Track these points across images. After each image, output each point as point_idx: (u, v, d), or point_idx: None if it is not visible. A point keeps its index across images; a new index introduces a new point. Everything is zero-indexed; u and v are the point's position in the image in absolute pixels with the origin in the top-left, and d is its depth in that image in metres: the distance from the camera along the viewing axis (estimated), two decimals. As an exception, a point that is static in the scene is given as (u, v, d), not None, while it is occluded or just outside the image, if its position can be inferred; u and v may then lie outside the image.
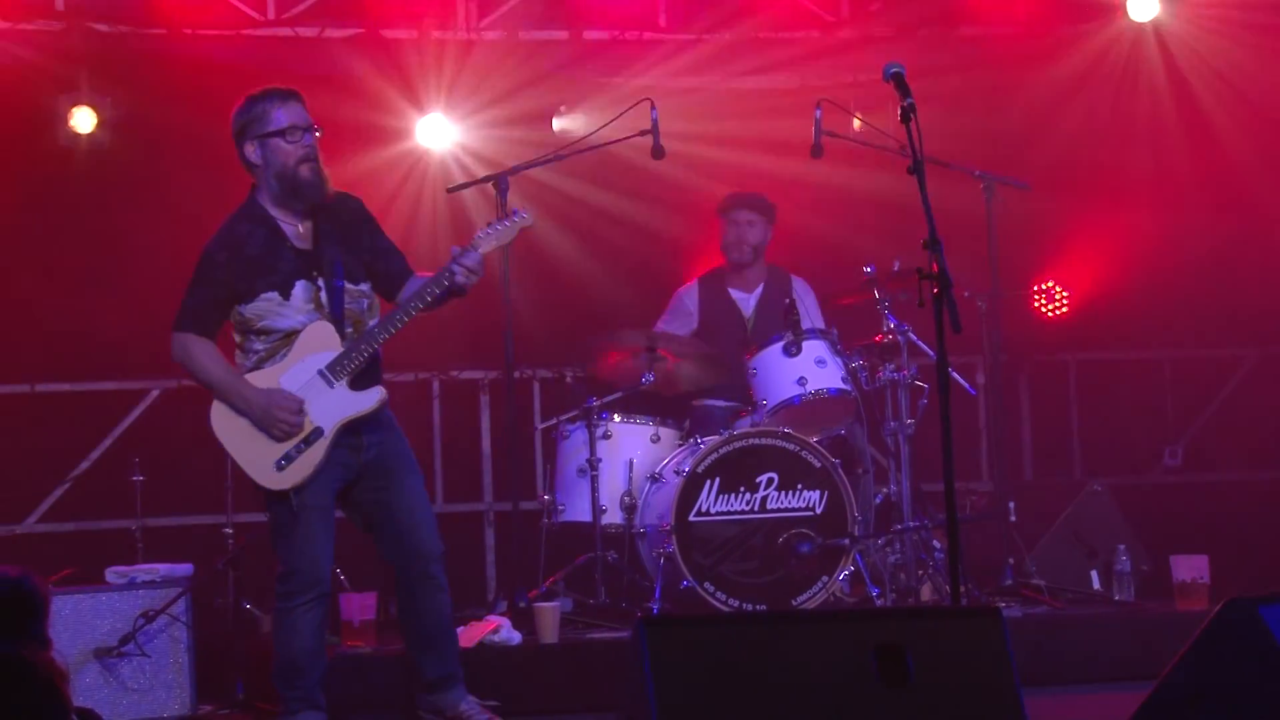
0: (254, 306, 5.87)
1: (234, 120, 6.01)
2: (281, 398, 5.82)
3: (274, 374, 5.87)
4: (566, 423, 7.98)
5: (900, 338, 7.61)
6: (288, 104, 5.98)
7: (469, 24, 9.17)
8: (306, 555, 5.89)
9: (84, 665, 6.85)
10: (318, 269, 5.94)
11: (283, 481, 5.85)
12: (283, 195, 5.95)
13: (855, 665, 4.44)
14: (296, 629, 5.91)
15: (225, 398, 5.87)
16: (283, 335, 5.89)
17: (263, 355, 5.90)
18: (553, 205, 9.17)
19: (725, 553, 7.34)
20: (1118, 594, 7.88)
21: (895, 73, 5.50)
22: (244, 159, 5.99)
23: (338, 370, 5.88)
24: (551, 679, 6.78)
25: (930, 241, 5.22)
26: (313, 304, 5.91)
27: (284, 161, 5.92)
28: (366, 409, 5.94)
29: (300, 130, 5.95)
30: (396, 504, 6.04)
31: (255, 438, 5.84)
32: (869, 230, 9.04)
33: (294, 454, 5.85)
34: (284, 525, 5.90)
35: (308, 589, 5.90)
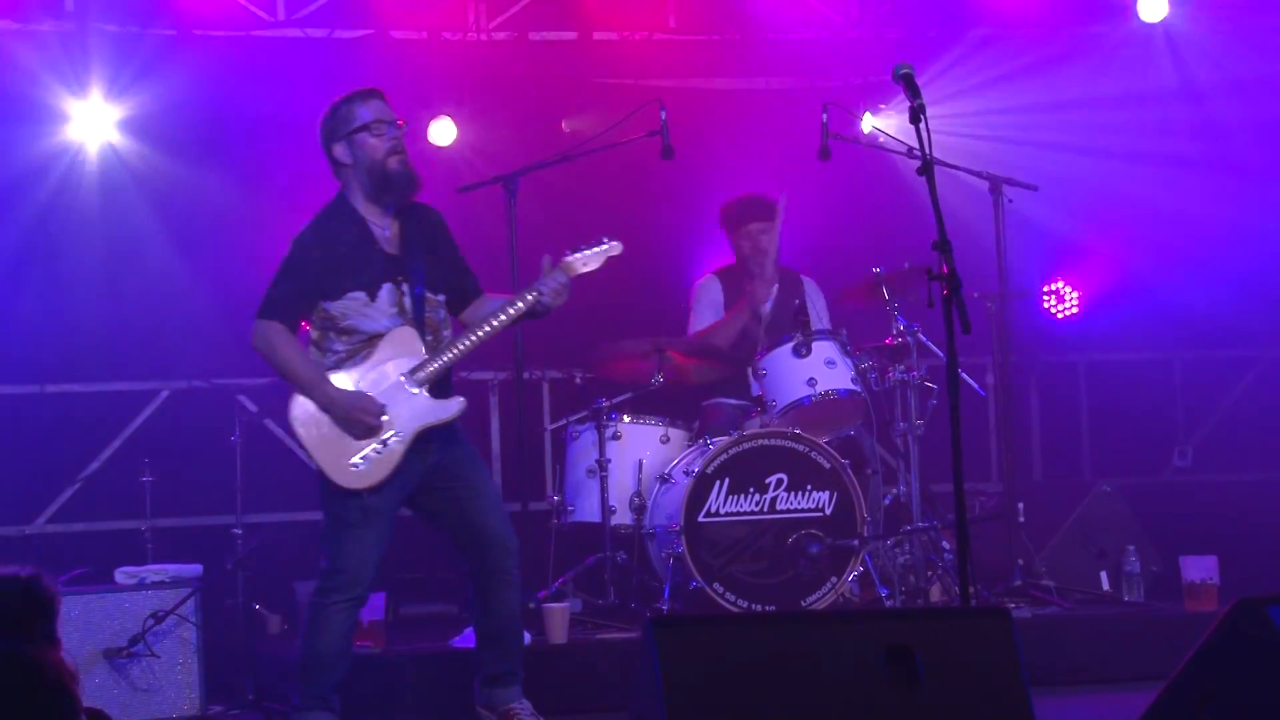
0: (340, 304, 5.89)
1: (321, 128, 6.06)
2: (365, 400, 5.84)
3: (355, 375, 5.88)
4: (576, 423, 7.98)
5: (910, 339, 7.61)
6: (370, 101, 6.07)
7: (478, 25, 9.17)
8: (356, 556, 5.89)
9: (93, 666, 6.87)
10: (403, 274, 5.97)
11: (358, 481, 5.85)
12: (374, 190, 5.98)
13: (864, 666, 4.44)
14: (329, 626, 5.90)
15: (308, 393, 5.86)
16: (365, 337, 5.91)
17: (342, 356, 5.91)
18: (562, 206, 9.16)
19: (734, 553, 7.34)
20: (1127, 595, 7.88)
21: (905, 73, 5.50)
22: (334, 161, 6.03)
23: (419, 376, 5.91)
24: (561, 679, 6.78)
25: (940, 243, 5.22)
26: (396, 308, 5.94)
27: (372, 155, 5.97)
28: (446, 417, 5.98)
29: (385, 124, 6.01)
30: (470, 502, 6.06)
31: (335, 436, 5.84)
32: (878, 232, 9.04)
33: (372, 455, 5.86)
34: (344, 523, 5.88)
35: (348, 589, 5.89)
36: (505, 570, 6.08)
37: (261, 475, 8.36)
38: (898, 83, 5.51)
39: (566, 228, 9.16)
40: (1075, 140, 9.41)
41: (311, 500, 8.62)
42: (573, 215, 9.24)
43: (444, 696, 6.69)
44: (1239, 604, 4.57)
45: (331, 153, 6.02)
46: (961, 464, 5.16)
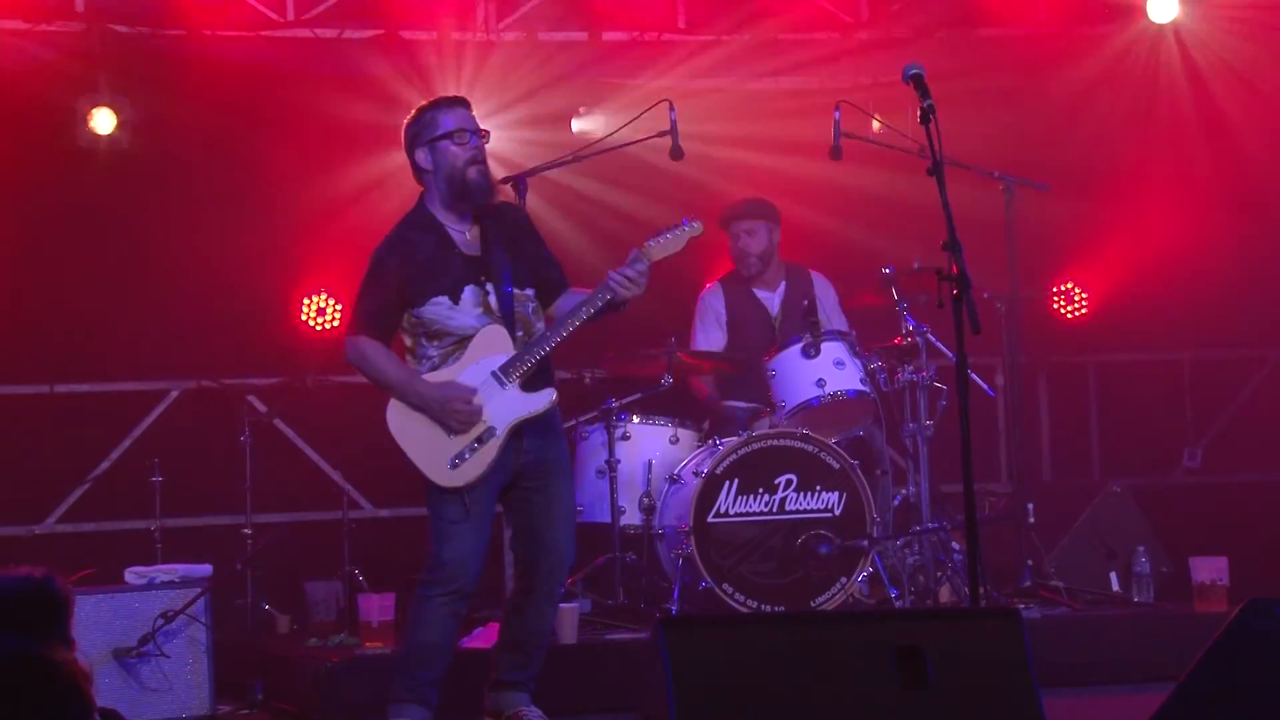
0: (426, 310, 5.96)
1: (405, 132, 6.15)
2: (456, 389, 5.90)
3: (448, 376, 5.95)
4: (585, 424, 7.98)
5: (919, 339, 7.60)
6: (454, 109, 6.12)
7: (488, 25, 9.17)
8: (458, 552, 5.94)
9: (103, 665, 6.87)
10: (486, 274, 6.02)
11: (457, 479, 5.91)
12: (451, 197, 6.04)
13: (874, 667, 4.43)
14: (428, 620, 5.95)
15: (402, 396, 5.94)
16: (456, 340, 5.97)
17: (437, 361, 5.98)
18: (571, 206, 9.18)
19: (744, 554, 7.33)
20: (1137, 595, 7.87)
21: (915, 74, 5.51)
22: (415, 167, 6.11)
23: (510, 372, 5.96)
24: (570, 680, 6.78)
25: (950, 243, 5.22)
26: (481, 308, 5.99)
27: (452, 163, 6.03)
28: (539, 409, 6.03)
29: (468, 133, 6.07)
30: (543, 508, 6.10)
31: (432, 436, 5.92)
32: (888, 232, 9.03)
33: (468, 453, 5.92)
34: (448, 520, 5.95)
35: (449, 583, 5.94)
36: (554, 585, 6.14)
37: (271, 475, 8.38)
38: (908, 83, 5.51)
39: (575, 228, 9.20)
40: (1086, 140, 9.40)
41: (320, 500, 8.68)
42: (582, 215, 9.26)
43: (455, 696, 6.68)
44: (1249, 605, 4.56)
45: (414, 158, 6.11)
46: (971, 464, 5.16)
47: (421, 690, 5.99)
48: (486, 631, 6.94)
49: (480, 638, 6.91)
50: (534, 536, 6.10)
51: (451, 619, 6.00)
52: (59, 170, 8.78)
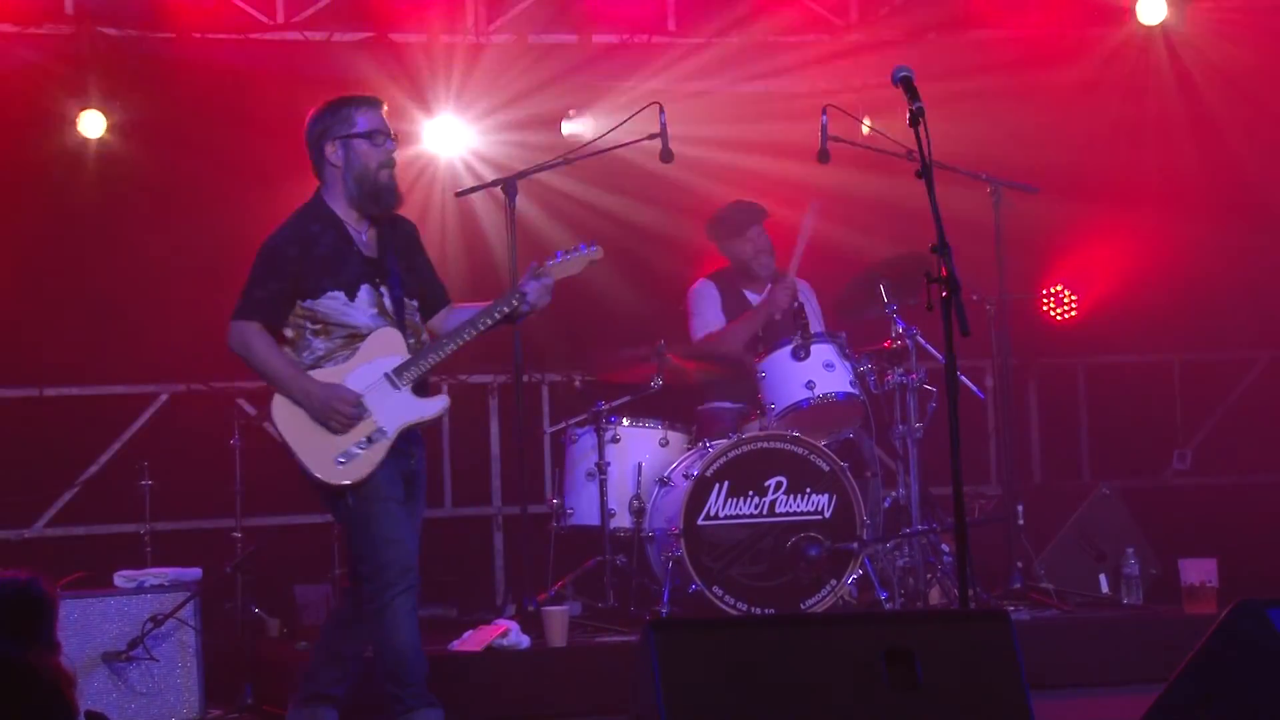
0: (319, 304, 5.90)
1: (314, 122, 6.06)
2: (341, 390, 5.85)
3: (339, 372, 5.89)
4: (575, 426, 7.99)
5: (909, 341, 7.61)
6: (371, 109, 6.07)
7: (478, 27, 9.17)
8: (392, 544, 5.84)
9: (92, 669, 6.86)
10: (381, 277, 5.99)
11: (341, 477, 5.85)
12: (360, 198, 6.00)
13: (864, 669, 4.44)
14: (397, 621, 5.83)
15: (285, 389, 5.88)
16: (345, 336, 5.92)
17: (321, 355, 5.91)
18: (561, 209, 9.17)
19: (734, 556, 7.34)
20: (1126, 597, 7.88)
21: (904, 77, 5.51)
22: (321, 160, 6.03)
23: (404, 375, 5.92)
24: (560, 683, 6.78)
25: (939, 246, 5.23)
26: (376, 309, 5.96)
27: (365, 163, 5.98)
28: (431, 415, 6.01)
29: (383, 135, 6.03)
30: (411, 521, 6.01)
31: (316, 432, 5.85)
32: (877, 235, 9.04)
33: (355, 451, 5.86)
34: (362, 518, 5.86)
35: (400, 579, 5.82)
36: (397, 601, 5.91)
37: (260, 478, 8.35)
38: (897, 86, 5.52)
39: (566, 230, 9.19)
40: (1075, 142, 9.40)
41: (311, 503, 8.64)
42: (572, 218, 9.25)
43: (443, 699, 6.67)
44: (1238, 606, 4.57)
45: (321, 150, 6.02)
46: (960, 467, 5.16)
47: (423, 690, 5.87)
48: (475, 635, 6.93)
49: (470, 641, 6.91)
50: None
51: (414, 613, 5.87)
52: (48, 173, 8.77)
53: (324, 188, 6.06)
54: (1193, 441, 10.10)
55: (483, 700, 6.70)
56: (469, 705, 6.66)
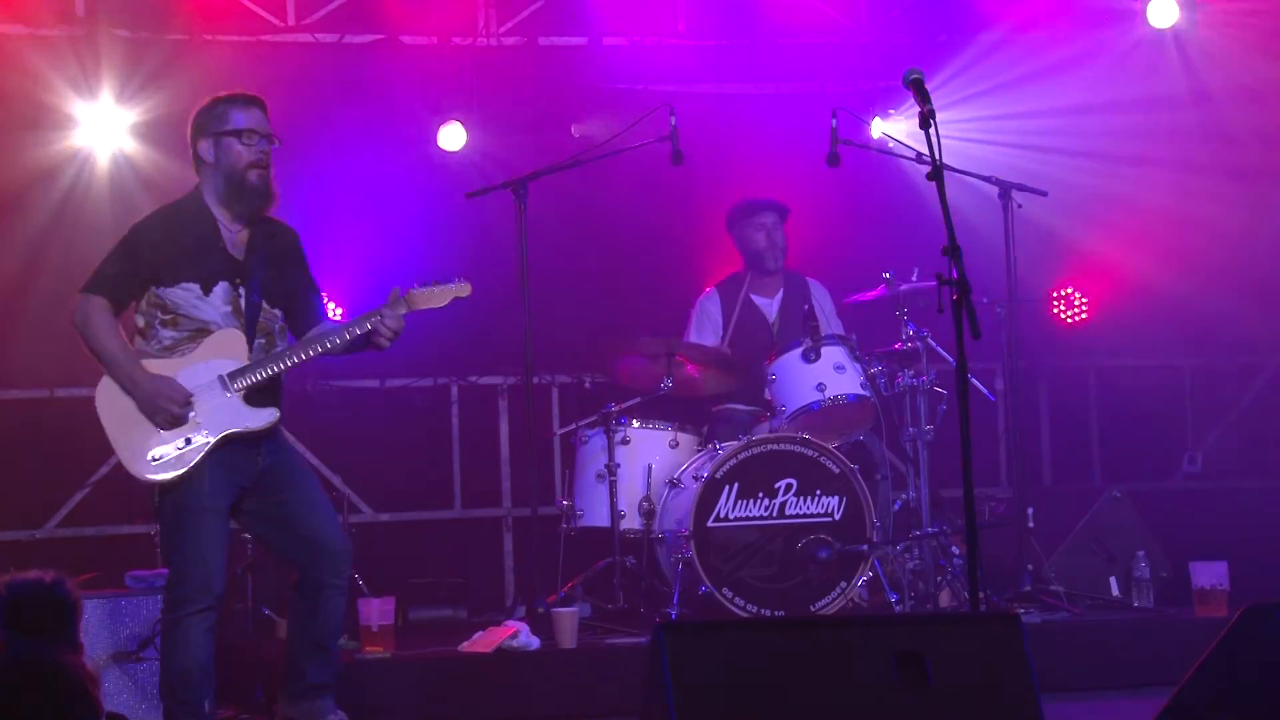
0: (172, 292, 5.82)
1: (193, 120, 6.02)
2: (170, 386, 5.76)
3: (173, 366, 5.80)
4: (585, 428, 7.99)
5: (919, 344, 7.61)
6: (249, 109, 6.02)
7: (488, 30, 9.18)
8: (198, 559, 5.75)
9: (104, 670, 6.86)
10: (241, 277, 5.93)
11: (155, 474, 5.75)
12: (227, 196, 5.95)
13: (874, 671, 4.44)
14: (188, 640, 5.76)
15: (114, 374, 5.78)
16: (193, 330, 5.84)
17: (167, 345, 5.83)
18: (572, 211, 9.18)
19: (744, 558, 7.34)
20: (1137, 600, 7.87)
21: (915, 78, 5.51)
22: (196, 156, 5.99)
23: (238, 380, 5.85)
24: (570, 684, 6.78)
25: (949, 248, 5.23)
26: (231, 308, 5.89)
27: (234, 162, 5.94)
28: (256, 426, 5.89)
29: (257, 135, 5.98)
30: (301, 505, 5.99)
31: (137, 424, 5.76)
32: (887, 237, 9.04)
33: (172, 451, 5.76)
34: (171, 528, 5.78)
35: (199, 597, 5.75)
36: (340, 576, 6.00)
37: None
38: (908, 88, 5.52)
39: (576, 233, 9.21)
40: (1085, 145, 9.40)
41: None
42: (582, 220, 9.26)
43: (453, 700, 6.70)
44: (1249, 610, 4.57)
45: (196, 148, 5.99)
46: (971, 469, 5.16)
47: (199, 711, 5.81)
48: (485, 636, 6.94)
49: (480, 642, 6.91)
50: (304, 535, 5.94)
51: (210, 633, 5.79)
52: (58, 174, 8.78)
53: (200, 183, 6.01)
54: (1203, 444, 10.08)
55: (492, 701, 6.70)
56: (479, 706, 6.67)
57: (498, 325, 8.68)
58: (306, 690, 6.02)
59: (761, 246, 8.36)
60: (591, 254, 9.41)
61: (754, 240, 8.37)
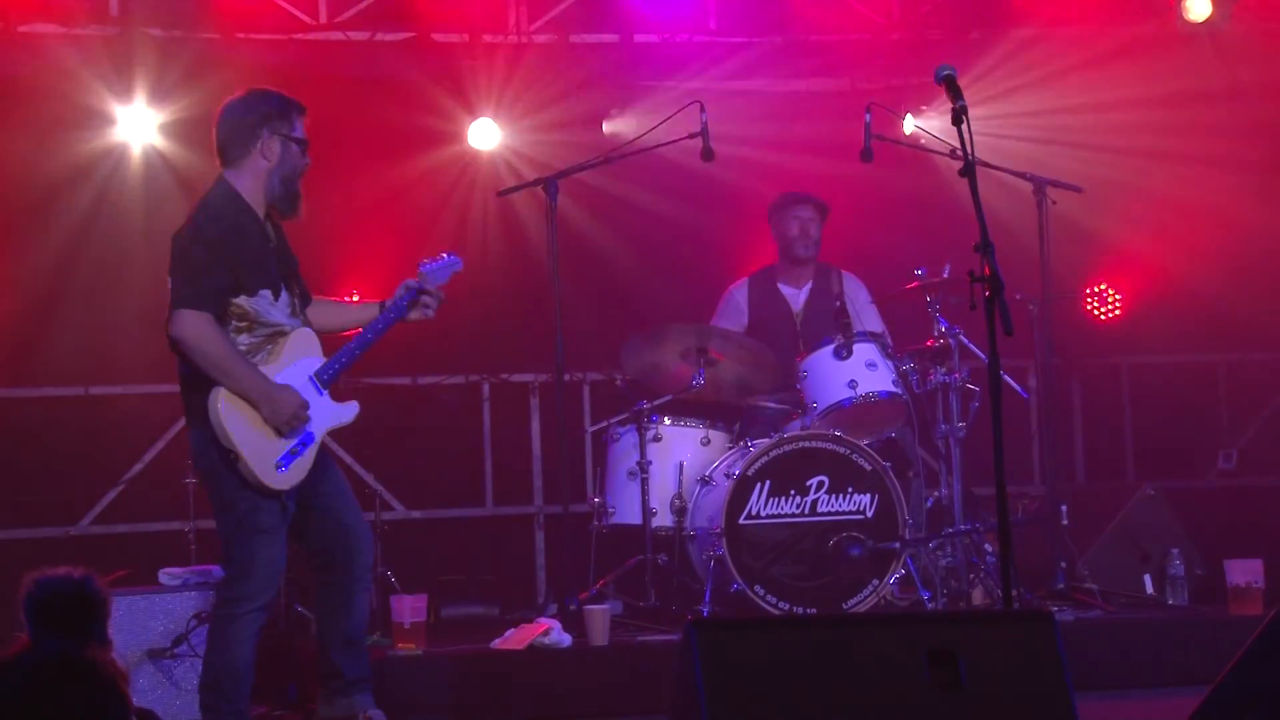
0: (253, 301, 5.83)
1: (255, 105, 5.98)
2: (295, 394, 5.82)
3: (270, 372, 5.83)
4: (616, 425, 7.98)
5: (951, 341, 7.59)
6: (302, 118, 6.07)
7: (520, 27, 9.18)
8: (269, 561, 5.82)
9: (138, 666, 6.89)
10: (288, 277, 5.99)
11: (283, 482, 5.81)
12: (277, 197, 5.96)
13: (907, 669, 4.43)
14: (240, 637, 5.82)
15: (241, 386, 5.72)
16: (269, 334, 5.87)
17: (246, 350, 5.83)
18: (603, 208, 9.19)
19: (776, 556, 7.33)
20: (1171, 598, 7.83)
21: (947, 75, 5.49)
22: (248, 145, 5.91)
23: (323, 379, 5.93)
24: (601, 682, 6.78)
25: (982, 244, 5.21)
26: (290, 308, 5.95)
27: (295, 169, 5.98)
28: (348, 420, 6.01)
29: (306, 147, 6.05)
30: (337, 498, 6.04)
31: (261, 435, 5.77)
32: (919, 233, 9.03)
33: (291, 457, 5.82)
34: (257, 528, 5.80)
35: (258, 595, 5.82)
36: (367, 572, 6.10)
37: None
38: (940, 84, 5.50)
39: (607, 230, 9.21)
40: (1119, 141, 9.36)
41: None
42: (614, 218, 9.27)
43: (485, 697, 6.70)
44: (1285, 607, 4.54)
45: (256, 139, 5.91)
46: (1004, 466, 5.14)
47: (243, 709, 5.88)
48: (517, 633, 6.94)
49: (512, 640, 6.92)
50: (336, 523, 5.99)
51: (258, 635, 5.86)
52: (92, 173, 8.82)
53: (236, 175, 5.94)
54: (1238, 441, 10.03)
55: (524, 698, 6.71)
56: (511, 703, 6.68)
57: (529, 323, 8.69)
58: (345, 686, 6.04)
59: (793, 234, 8.37)
60: (623, 251, 9.41)
61: (788, 228, 8.38)
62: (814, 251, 8.40)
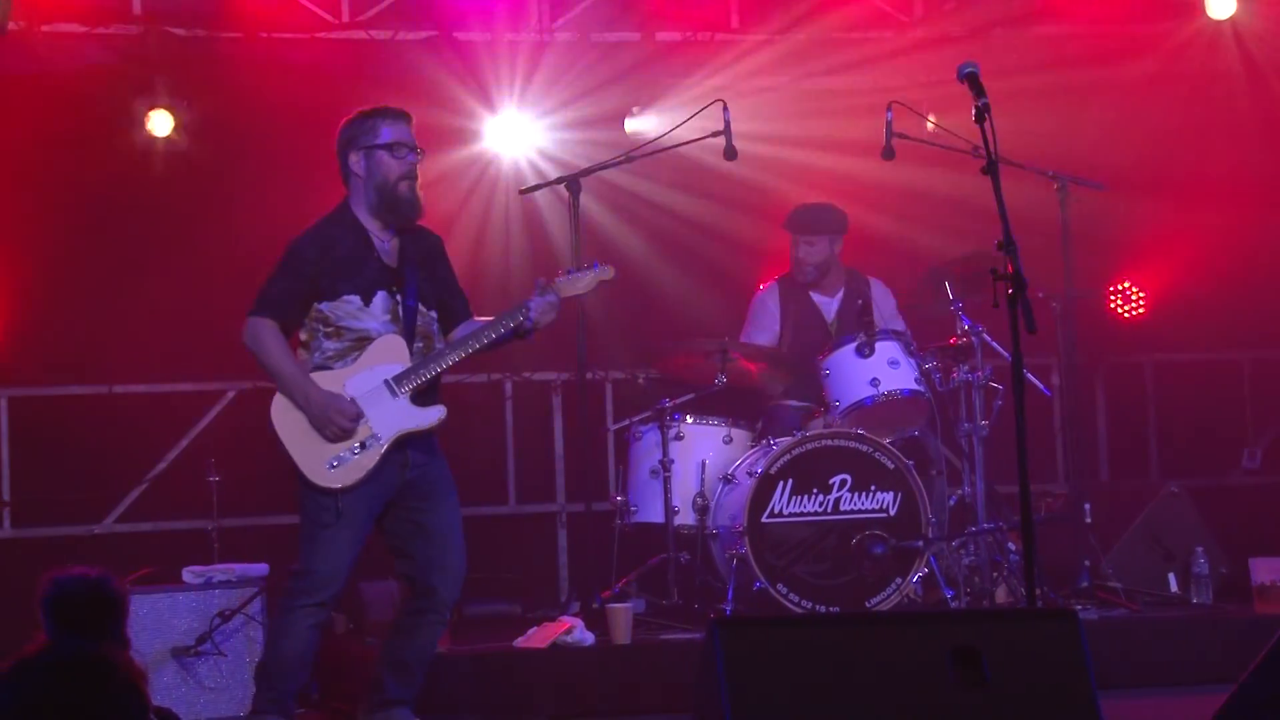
0: (334, 306, 5.96)
1: (343, 130, 6.14)
2: (341, 402, 5.89)
3: (340, 376, 5.94)
4: (639, 424, 7.98)
5: (974, 339, 7.57)
6: (397, 122, 6.12)
7: (541, 26, 9.18)
8: (330, 561, 5.90)
9: (162, 664, 6.92)
10: (398, 285, 6.04)
11: (334, 480, 5.88)
12: (379, 208, 6.06)
13: (930, 667, 4.42)
14: (294, 630, 5.92)
15: (288, 391, 5.93)
16: (355, 339, 5.97)
17: (331, 355, 5.96)
18: (625, 206, 9.18)
19: (798, 554, 7.32)
20: (1195, 597, 7.81)
21: (969, 73, 5.48)
22: (345, 168, 6.11)
23: (403, 382, 5.97)
24: (624, 680, 6.79)
25: (1005, 243, 5.20)
26: (389, 315, 6.01)
27: (385, 175, 6.05)
28: (426, 424, 6.04)
29: (405, 148, 6.09)
30: (435, 527, 6.07)
31: (311, 437, 5.90)
32: (942, 232, 9.00)
33: (347, 456, 5.90)
34: (319, 525, 5.90)
35: (316, 592, 5.91)
36: (447, 604, 6.10)
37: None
38: (963, 82, 5.50)
39: (630, 228, 9.20)
40: (1142, 138, 9.33)
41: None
42: (636, 215, 9.26)
43: (507, 696, 6.71)
44: (1310, 606, 4.53)
45: (346, 159, 6.10)
46: (1027, 465, 5.13)
47: (284, 701, 5.96)
48: (540, 631, 6.95)
49: (535, 638, 6.92)
50: (431, 561, 6.04)
51: (315, 630, 5.96)
52: (116, 172, 8.84)
53: (349, 195, 6.13)
54: (1262, 440, 10.00)
55: (547, 697, 6.71)
56: (533, 702, 6.69)
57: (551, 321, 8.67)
58: (385, 703, 6.09)
59: (797, 256, 8.31)
60: (645, 249, 9.40)
61: (794, 251, 8.33)
62: (811, 277, 8.31)
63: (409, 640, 6.09)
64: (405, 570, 6.13)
